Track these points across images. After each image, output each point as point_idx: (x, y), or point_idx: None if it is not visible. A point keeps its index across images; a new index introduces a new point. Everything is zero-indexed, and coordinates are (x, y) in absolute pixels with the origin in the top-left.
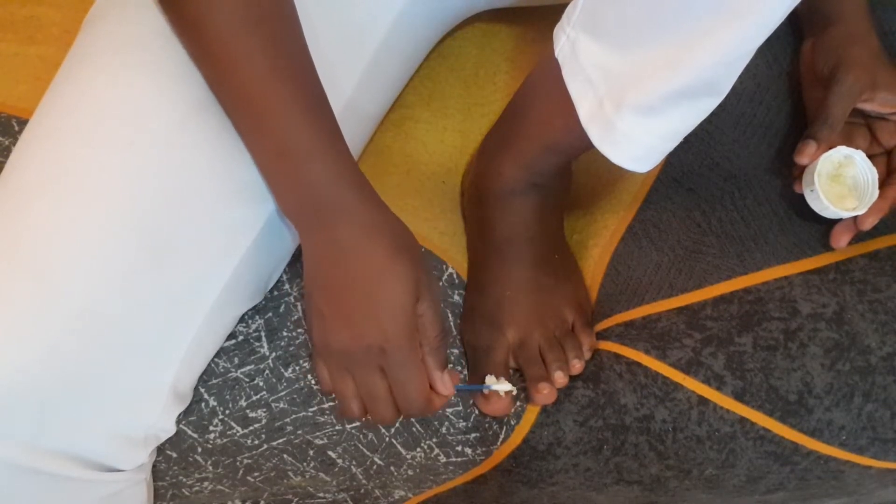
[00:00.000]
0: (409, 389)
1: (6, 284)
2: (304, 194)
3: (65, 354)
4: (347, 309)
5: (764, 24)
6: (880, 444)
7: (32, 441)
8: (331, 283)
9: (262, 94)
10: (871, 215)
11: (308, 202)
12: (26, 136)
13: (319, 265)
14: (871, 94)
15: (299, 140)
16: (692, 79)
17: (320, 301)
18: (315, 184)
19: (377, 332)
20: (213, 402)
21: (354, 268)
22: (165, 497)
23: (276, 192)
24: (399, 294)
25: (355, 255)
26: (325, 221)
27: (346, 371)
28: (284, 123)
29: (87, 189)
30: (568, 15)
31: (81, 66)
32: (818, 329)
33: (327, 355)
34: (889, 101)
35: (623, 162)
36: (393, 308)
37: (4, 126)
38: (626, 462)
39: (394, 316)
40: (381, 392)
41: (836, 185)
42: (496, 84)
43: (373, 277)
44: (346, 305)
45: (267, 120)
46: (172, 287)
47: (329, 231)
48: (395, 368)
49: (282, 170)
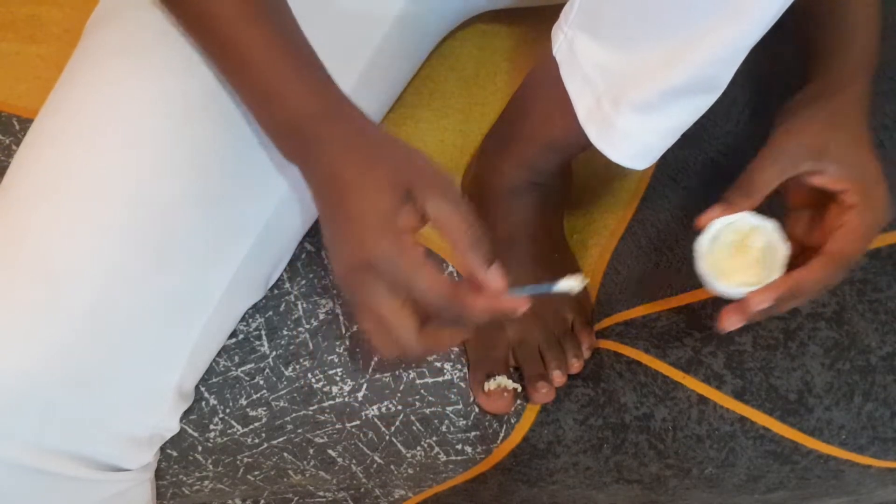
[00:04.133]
0: (418, 290)
1: (12, 286)
2: (292, 133)
3: (70, 356)
4: (341, 229)
5: (762, 19)
6: (880, 443)
7: (38, 441)
8: (326, 215)
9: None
10: (764, 293)
11: (297, 140)
12: (30, 139)
13: (318, 200)
14: (819, 166)
15: (276, 79)
16: (690, 76)
17: (326, 235)
18: (298, 120)
19: (359, 248)
20: (213, 401)
21: (336, 192)
22: (166, 496)
23: (274, 138)
24: (371, 202)
25: (335, 179)
26: (316, 154)
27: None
28: (263, 64)
29: (91, 191)
30: (565, 14)
31: (85, 70)
32: (818, 328)
33: (344, 288)
34: (841, 175)
35: (622, 160)
36: (364, 219)
37: (5, 125)
38: (626, 461)
39: (367, 226)
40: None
41: (735, 257)
42: (496, 84)
43: (346, 196)
44: (337, 232)
45: (248, 63)
46: (177, 287)
47: (319, 163)
48: (394, 274)
49: (268, 112)
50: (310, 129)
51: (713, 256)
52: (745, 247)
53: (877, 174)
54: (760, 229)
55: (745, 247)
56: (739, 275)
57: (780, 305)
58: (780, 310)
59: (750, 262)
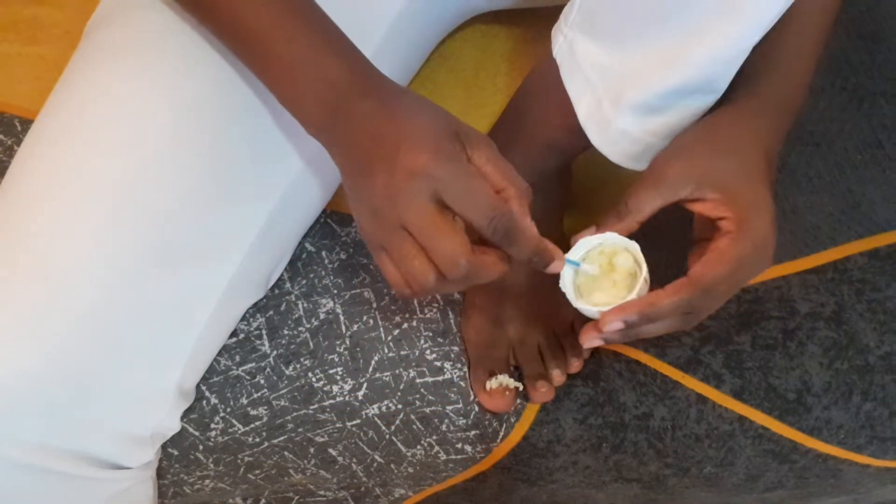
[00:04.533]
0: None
1: (14, 286)
2: (321, 103)
3: (72, 355)
4: (385, 161)
5: (761, 20)
6: (878, 442)
7: (40, 440)
8: (365, 154)
9: (266, 25)
10: (613, 314)
11: (327, 109)
12: (30, 140)
13: (353, 150)
14: (698, 193)
15: (302, 52)
16: (690, 77)
17: (361, 182)
18: (329, 88)
19: (414, 152)
20: (214, 400)
21: (388, 126)
22: (167, 495)
23: (297, 113)
24: (436, 130)
25: (384, 119)
26: (350, 105)
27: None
28: (285, 40)
29: (92, 191)
30: (565, 15)
31: (85, 70)
32: (816, 328)
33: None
34: (720, 204)
35: (622, 160)
36: (430, 132)
37: (7, 126)
38: (626, 460)
39: (430, 136)
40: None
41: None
42: (496, 85)
43: (405, 126)
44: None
45: (268, 36)
46: (178, 286)
47: (355, 112)
48: (451, 182)
49: (295, 86)
50: (344, 94)
51: (578, 275)
52: (611, 267)
53: (763, 206)
54: (624, 251)
55: (611, 267)
56: (600, 294)
57: (640, 329)
58: (642, 334)
59: (613, 282)
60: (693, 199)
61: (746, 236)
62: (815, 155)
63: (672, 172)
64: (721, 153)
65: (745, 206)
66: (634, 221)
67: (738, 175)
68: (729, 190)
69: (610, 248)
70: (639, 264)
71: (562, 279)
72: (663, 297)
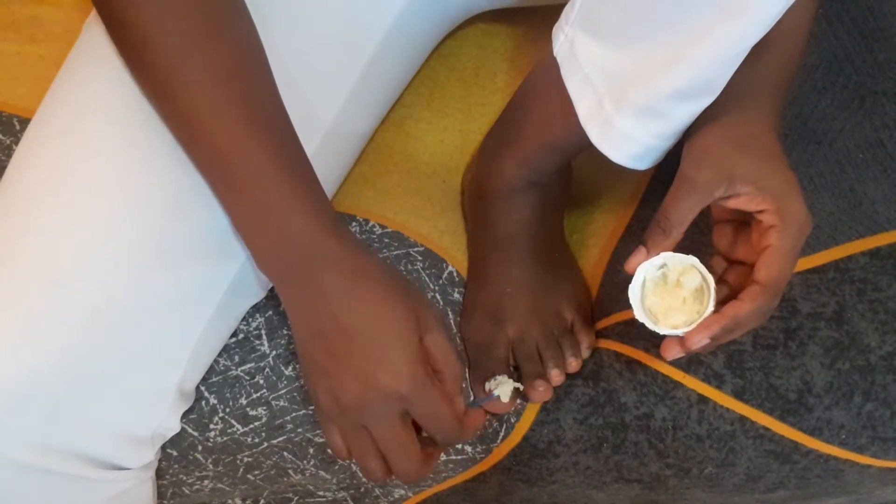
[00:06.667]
0: (441, 422)
1: (14, 287)
2: (287, 248)
3: (73, 356)
4: (353, 359)
5: (762, 20)
6: (880, 442)
7: (41, 441)
8: (328, 335)
9: (236, 152)
10: (698, 333)
11: (292, 256)
12: (29, 138)
13: (312, 320)
14: (731, 190)
15: (278, 196)
16: (690, 77)
17: (320, 358)
18: (297, 236)
19: (391, 374)
20: (213, 400)
21: (351, 315)
22: (166, 495)
23: (255, 249)
24: (403, 331)
25: (348, 301)
26: (313, 273)
27: (363, 428)
28: (262, 180)
29: (94, 190)
30: (566, 14)
31: (83, 67)
32: (818, 328)
33: (339, 415)
34: (755, 196)
35: (622, 160)
36: (401, 346)
37: (6, 125)
38: (626, 460)
39: (404, 354)
40: (405, 439)
41: (667, 296)
42: (496, 84)
43: (372, 320)
44: (351, 356)
45: (243, 178)
46: (180, 286)
47: (317, 282)
48: (423, 406)
49: (261, 227)
50: (309, 253)
51: (647, 302)
52: (675, 286)
53: (792, 188)
54: (685, 267)
55: (675, 286)
56: (675, 314)
57: (722, 338)
58: (722, 342)
59: (682, 300)
60: (727, 197)
61: (791, 224)
62: (817, 154)
63: (702, 176)
64: (741, 146)
65: (779, 194)
66: (680, 234)
67: (763, 162)
68: (759, 180)
69: (669, 267)
70: (704, 277)
71: (635, 312)
72: (742, 308)
